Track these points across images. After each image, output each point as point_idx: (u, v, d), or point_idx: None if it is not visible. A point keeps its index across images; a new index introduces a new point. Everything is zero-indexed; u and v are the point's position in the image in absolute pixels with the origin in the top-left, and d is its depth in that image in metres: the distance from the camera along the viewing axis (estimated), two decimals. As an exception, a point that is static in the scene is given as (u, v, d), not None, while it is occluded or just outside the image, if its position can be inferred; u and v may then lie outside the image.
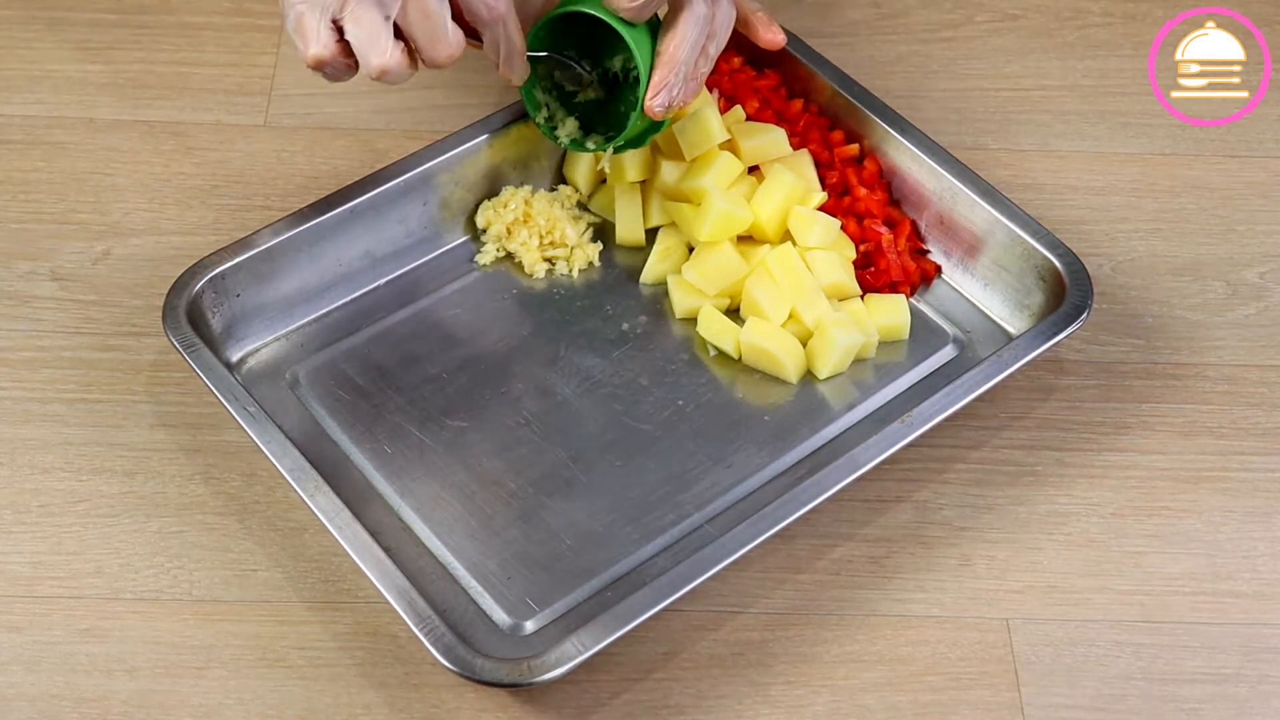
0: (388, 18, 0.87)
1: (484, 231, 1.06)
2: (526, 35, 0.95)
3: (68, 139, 1.12)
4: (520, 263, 1.05)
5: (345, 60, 0.89)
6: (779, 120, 1.09)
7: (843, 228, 1.04)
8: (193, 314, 0.95)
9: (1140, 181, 1.15)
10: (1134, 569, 0.93)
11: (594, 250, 1.06)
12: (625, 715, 0.86)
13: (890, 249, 1.03)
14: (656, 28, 0.97)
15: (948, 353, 1.02)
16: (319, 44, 0.88)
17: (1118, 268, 1.09)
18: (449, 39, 0.89)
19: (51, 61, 1.17)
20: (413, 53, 0.90)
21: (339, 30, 0.88)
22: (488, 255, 1.05)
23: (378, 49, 0.88)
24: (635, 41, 0.94)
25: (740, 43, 1.13)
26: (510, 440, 0.96)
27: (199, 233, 1.07)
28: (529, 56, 0.96)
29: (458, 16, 0.90)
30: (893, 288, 1.03)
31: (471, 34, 0.92)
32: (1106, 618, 0.91)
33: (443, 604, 0.87)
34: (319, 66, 0.89)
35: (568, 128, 1.02)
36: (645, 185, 1.07)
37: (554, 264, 1.05)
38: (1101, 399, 1.01)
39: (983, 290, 1.04)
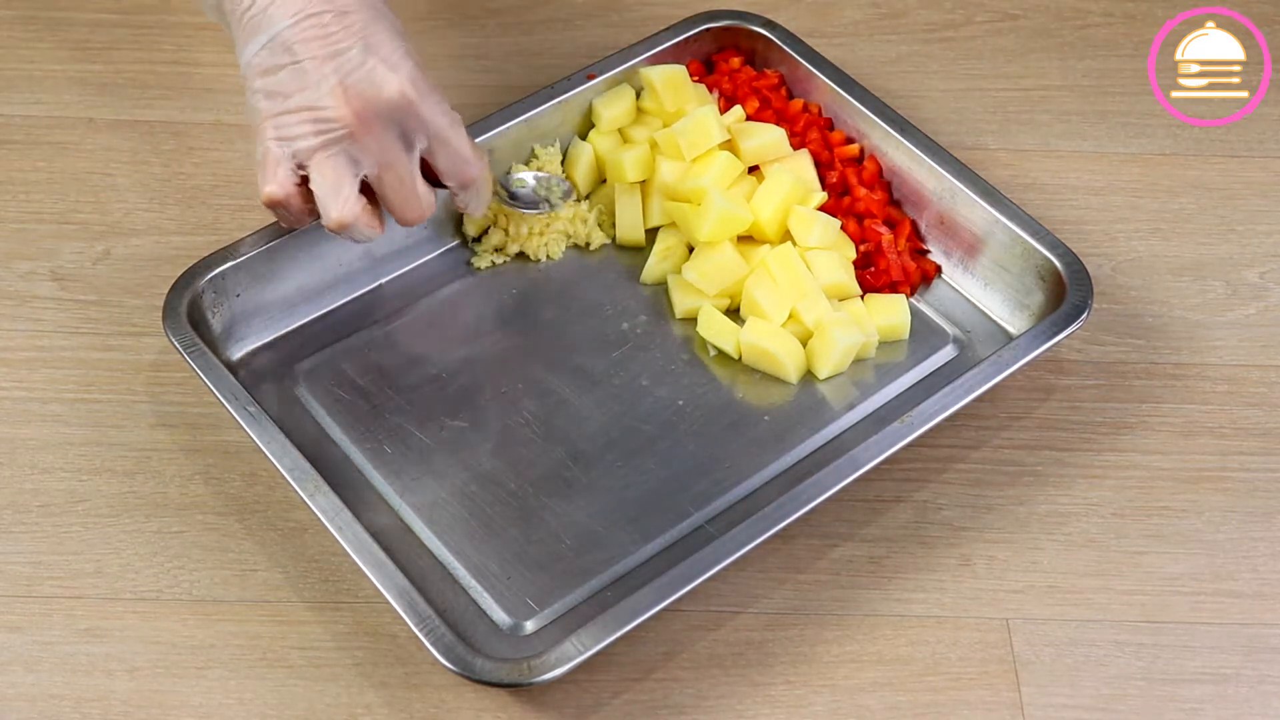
0: (357, 174, 0.87)
1: (485, 232, 1.06)
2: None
3: (68, 139, 1.12)
4: (524, 253, 1.05)
5: (304, 205, 0.89)
6: (779, 120, 1.09)
7: (843, 228, 1.04)
8: (193, 314, 0.95)
9: (1140, 181, 1.15)
10: (1134, 569, 0.93)
11: (599, 237, 1.05)
12: (625, 715, 0.86)
13: (890, 249, 1.03)
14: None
15: (948, 353, 1.02)
16: (275, 183, 0.87)
17: (1118, 268, 1.09)
18: (420, 202, 0.90)
19: (51, 61, 1.17)
20: (377, 209, 0.90)
21: (303, 177, 0.87)
22: (485, 259, 1.05)
23: (339, 200, 0.87)
24: None
25: (739, 43, 1.14)
26: (510, 440, 0.96)
27: (199, 233, 1.07)
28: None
29: (429, 171, 0.91)
30: (893, 288, 1.03)
31: (438, 184, 0.92)
32: (1106, 618, 0.91)
33: (443, 604, 0.87)
34: (272, 205, 0.89)
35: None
36: (645, 185, 1.07)
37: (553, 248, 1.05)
38: (1101, 399, 1.01)
39: (983, 290, 1.04)
